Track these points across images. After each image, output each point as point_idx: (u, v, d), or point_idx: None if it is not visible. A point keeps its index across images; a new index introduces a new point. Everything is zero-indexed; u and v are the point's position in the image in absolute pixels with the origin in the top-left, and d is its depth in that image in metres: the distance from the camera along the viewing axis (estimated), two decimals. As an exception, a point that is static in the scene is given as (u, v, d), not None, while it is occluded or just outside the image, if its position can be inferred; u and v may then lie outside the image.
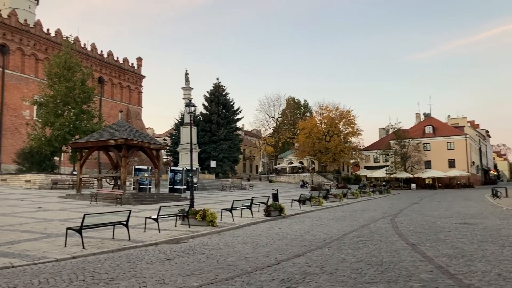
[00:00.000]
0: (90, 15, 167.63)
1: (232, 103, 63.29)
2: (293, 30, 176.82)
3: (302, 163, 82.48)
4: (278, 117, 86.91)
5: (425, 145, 75.90)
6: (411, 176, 70.97)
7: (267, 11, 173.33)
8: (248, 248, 11.35)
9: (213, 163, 51.10)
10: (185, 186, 36.88)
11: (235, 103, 63.94)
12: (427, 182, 73.35)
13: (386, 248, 11.00)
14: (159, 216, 14.91)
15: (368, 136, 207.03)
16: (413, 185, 68.50)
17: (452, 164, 74.03)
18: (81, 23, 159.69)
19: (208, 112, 61.47)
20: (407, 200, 36.65)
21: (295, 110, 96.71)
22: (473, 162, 78.50)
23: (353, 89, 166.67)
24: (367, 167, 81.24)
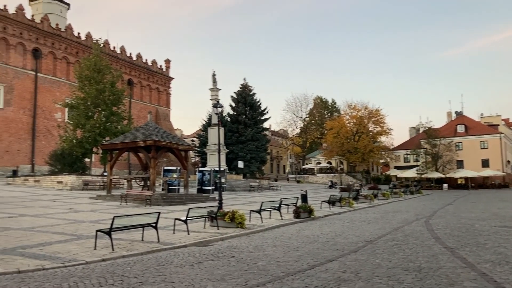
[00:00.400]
0: (119, 19, 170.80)
1: (259, 104, 63.10)
2: (321, 29, 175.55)
3: (331, 163, 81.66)
4: (306, 117, 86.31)
5: (457, 144, 73.91)
6: (443, 176, 69.26)
7: (294, 11, 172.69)
8: (279, 252, 11.07)
9: (241, 164, 51.03)
10: (213, 187, 36.92)
11: (262, 104, 63.79)
12: (460, 182, 71.42)
13: (423, 253, 10.53)
14: (188, 218, 14.79)
15: (398, 136, 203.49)
16: (445, 185, 66.82)
17: (486, 164, 71.85)
18: (111, 27, 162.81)
19: (235, 113, 61.46)
20: (440, 201, 35.62)
21: (323, 110, 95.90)
22: (508, 162, 75.93)
23: (382, 88, 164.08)
24: (397, 167, 79.74)
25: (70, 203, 23.78)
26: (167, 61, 71.02)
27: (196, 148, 58.09)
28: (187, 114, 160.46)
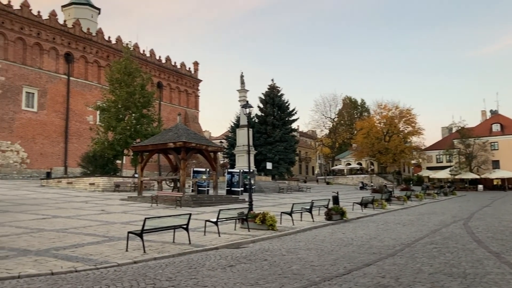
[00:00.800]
0: (149, 22, 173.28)
1: (288, 104, 62.67)
2: (348, 29, 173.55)
3: (361, 164, 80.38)
4: (335, 118, 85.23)
5: (493, 144, 71.45)
6: (477, 177, 67.05)
7: (322, 10, 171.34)
8: (313, 255, 10.72)
9: (269, 165, 50.76)
10: (242, 188, 36.82)
11: (290, 104, 63.30)
12: (496, 183, 68.98)
13: (466, 257, 9.99)
14: (219, 220, 14.61)
15: (430, 136, 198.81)
16: (480, 186, 64.73)
17: (524, 164, 69.19)
18: (140, 30, 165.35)
19: (263, 114, 61.23)
20: (477, 203, 34.43)
21: (352, 110, 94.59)
22: (548, 161, 72.97)
23: (413, 87, 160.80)
24: (430, 168, 77.80)
25: (102, 205, 24.03)
26: (196, 64, 71.49)
27: (225, 150, 58.18)
28: (215, 116, 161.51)
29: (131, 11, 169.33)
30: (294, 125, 65.60)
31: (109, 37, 55.89)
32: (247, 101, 22.06)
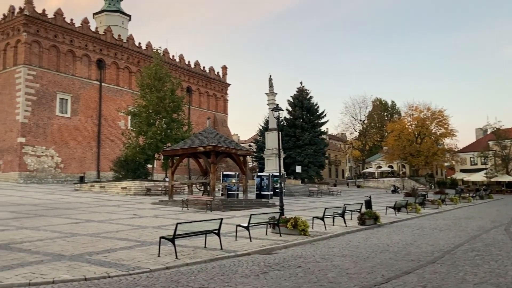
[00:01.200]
0: (178, 28, 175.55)
1: (317, 107, 62.06)
2: (378, 30, 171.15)
3: (392, 167, 78.96)
4: (365, 120, 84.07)
5: (531, 146, 68.93)
6: (515, 180, 64.84)
7: (350, 13, 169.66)
8: (348, 262, 10.39)
9: (299, 168, 50.32)
10: (272, 192, 36.56)
11: (320, 107, 62.63)
12: (535, 186, 66.54)
13: (512, 266, 9.49)
14: (250, 224, 14.44)
15: (464, 137, 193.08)
16: (518, 190, 62.54)
17: None
18: (169, 35, 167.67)
19: (292, 117, 60.82)
20: (516, 207, 33.15)
21: (383, 112, 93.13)
22: None
23: (445, 88, 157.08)
24: (463, 170, 75.75)
25: (134, 209, 24.23)
26: (224, 68, 71.80)
27: (253, 153, 58.07)
28: (243, 120, 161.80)
29: (161, 18, 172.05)
30: (323, 128, 64.93)
31: (140, 43, 56.73)
32: (277, 104, 21.85)
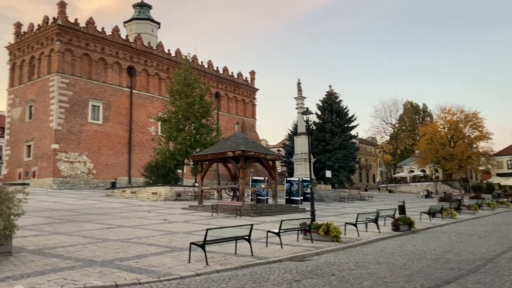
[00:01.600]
0: (206, 34, 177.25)
1: (346, 111, 61.34)
2: (407, 31, 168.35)
3: (424, 171, 77.13)
4: (396, 123, 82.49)
5: None
6: (557, 184, 62.28)
7: (379, 14, 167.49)
8: (384, 270, 10.00)
9: (329, 173, 49.71)
10: (302, 197, 36.20)
11: (349, 110, 61.86)
12: None
13: (562, 276, 8.91)
14: (281, 230, 14.18)
15: (500, 140, 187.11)
16: (560, 194, 59.85)
17: None
18: (198, 42, 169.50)
19: (321, 121, 60.29)
20: (558, 212, 31.70)
21: (414, 115, 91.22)
22: None
23: (479, 90, 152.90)
24: (500, 174, 73.31)
25: (164, 214, 24.32)
26: (252, 73, 71.93)
27: (282, 158, 57.76)
28: (272, 124, 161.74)
29: (190, 25, 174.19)
30: (353, 132, 64.04)
31: (169, 50, 57.45)
32: (307, 108, 21.53)
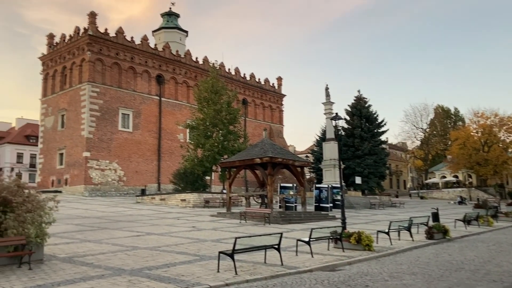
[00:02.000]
0: (233, 41, 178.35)
1: (376, 116, 60.28)
2: (437, 34, 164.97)
3: (457, 177, 75.04)
4: (426, 128, 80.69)
5: None
6: None
7: (408, 18, 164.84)
8: (420, 281, 9.59)
9: (358, 179, 48.87)
10: (331, 204, 35.63)
11: (379, 115, 60.79)
12: None
13: None
14: (311, 239, 13.87)
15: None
16: None
17: None
18: (225, 49, 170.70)
19: (350, 126, 59.43)
20: None
21: (445, 120, 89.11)
22: None
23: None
24: (538, 180, 70.50)
25: (193, 221, 24.31)
26: (279, 79, 71.79)
27: (311, 164, 57.18)
28: (299, 130, 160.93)
29: (217, 32, 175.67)
30: (383, 137, 62.85)
31: (197, 58, 57.95)
32: (336, 113, 21.21)
